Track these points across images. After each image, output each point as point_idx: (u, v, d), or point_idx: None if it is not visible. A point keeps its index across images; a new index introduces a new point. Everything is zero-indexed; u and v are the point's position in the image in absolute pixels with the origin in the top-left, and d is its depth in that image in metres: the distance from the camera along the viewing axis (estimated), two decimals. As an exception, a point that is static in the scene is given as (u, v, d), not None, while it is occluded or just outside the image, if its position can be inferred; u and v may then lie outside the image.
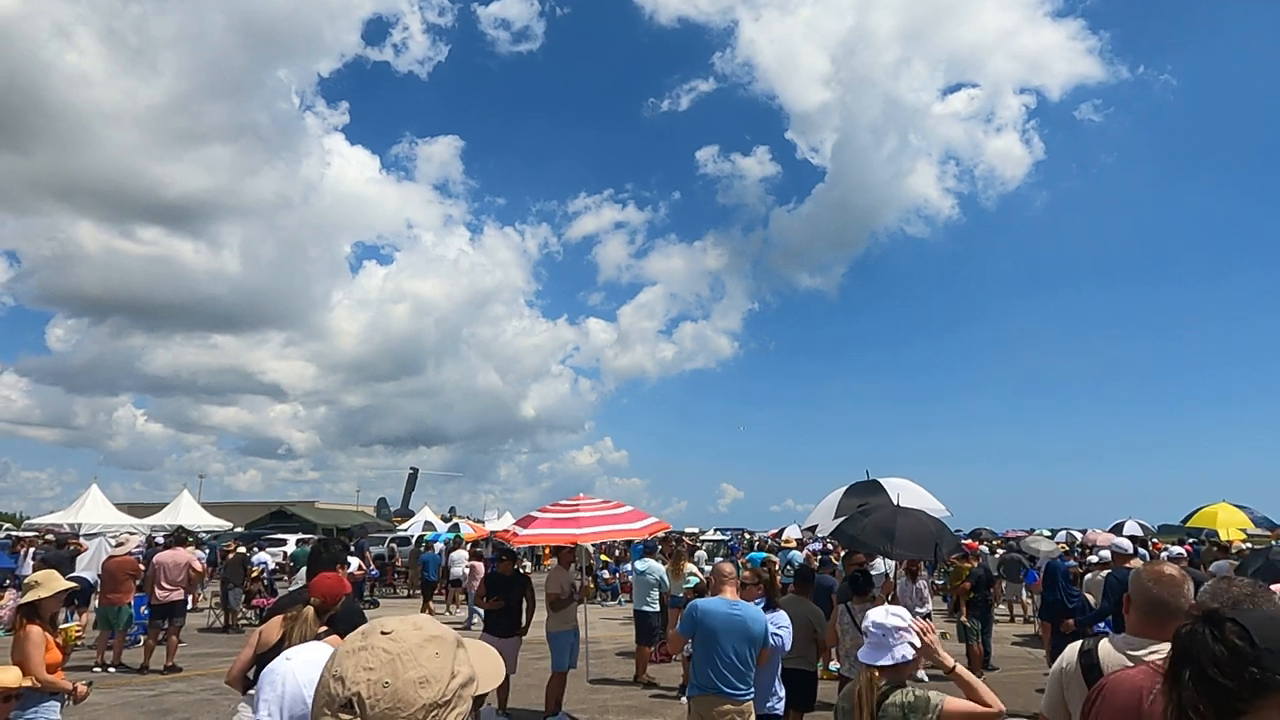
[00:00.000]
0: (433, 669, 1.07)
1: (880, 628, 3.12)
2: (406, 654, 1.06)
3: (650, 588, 11.38)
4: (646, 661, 11.10)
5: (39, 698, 4.94)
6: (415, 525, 29.20)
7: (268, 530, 32.60)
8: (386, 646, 1.06)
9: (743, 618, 5.18)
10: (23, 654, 4.88)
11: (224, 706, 9.23)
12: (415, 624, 1.13)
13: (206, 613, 16.97)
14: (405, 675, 1.04)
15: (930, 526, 8.04)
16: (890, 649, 3.07)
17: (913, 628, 3.12)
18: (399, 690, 1.03)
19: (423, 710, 1.03)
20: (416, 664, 1.06)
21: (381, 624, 1.11)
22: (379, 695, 1.02)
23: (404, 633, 1.09)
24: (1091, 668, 2.48)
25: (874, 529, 8.38)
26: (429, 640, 1.10)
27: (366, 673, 1.03)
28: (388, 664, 1.04)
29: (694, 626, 5.18)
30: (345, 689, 1.02)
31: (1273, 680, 1.34)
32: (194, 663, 12.01)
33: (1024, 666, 12.28)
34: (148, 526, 25.59)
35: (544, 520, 9.23)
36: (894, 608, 3.23)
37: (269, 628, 4.36)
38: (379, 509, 59.41)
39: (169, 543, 13.23)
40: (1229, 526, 14.53)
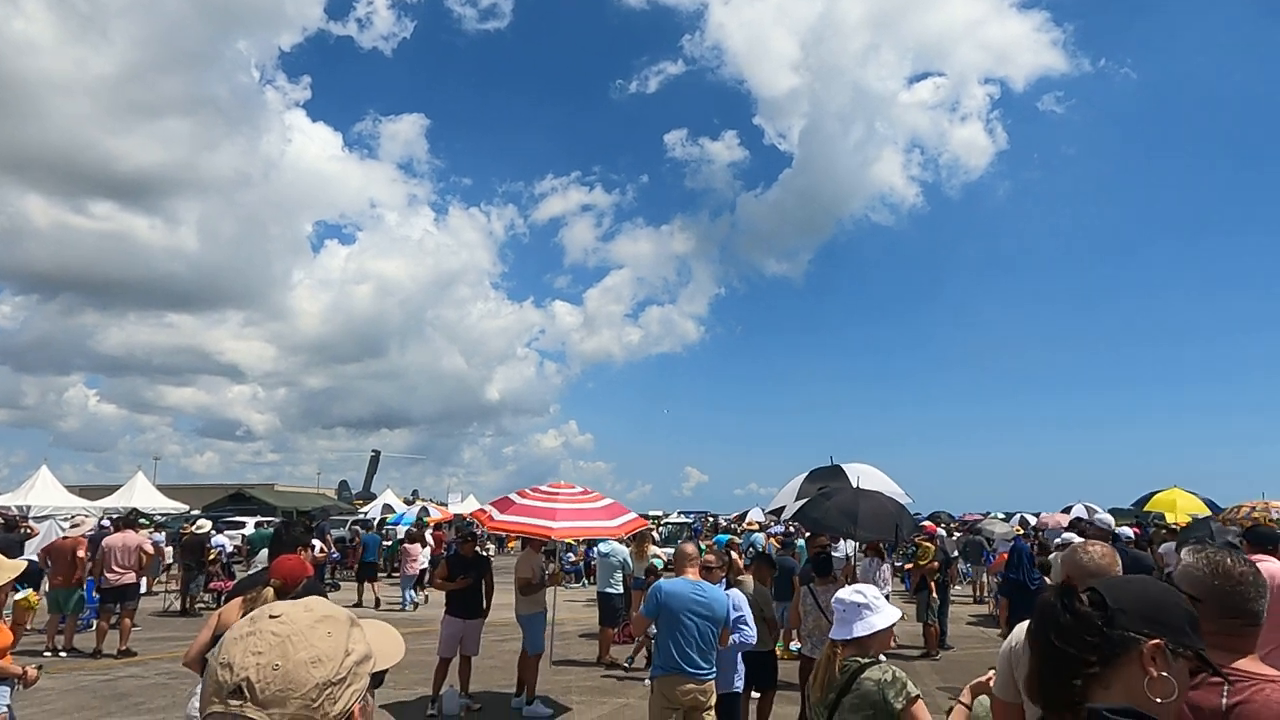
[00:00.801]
0: (325, 648, 1.06)
1: (841, 603, 3.21)
2: (296, 635, 1.05)
3: (614, 569, 11.43)
4: (610, 643, 11.16)
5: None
6: (375, 508, 28.94)
7: (226, 513, 32.04)
8: (275, 630, 1.05)
9: (706, 599, 5.24)
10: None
11: (180, 690, 9.07)
12: (306, 606, 1.12)
13: (163, 596, 16.67)
14: (296, 656, 1.03)
15: (890, 508, 8.19)
16: (850, 625, 3.15)
17: (876, 604, 3.18)
18: (290, 671, 1.01)
19: (315, 690, 1.02)
20: (308, 644, 1.04)
21: (270, 608, 1.10)
22: (269, 678, 1.00)
23: (293, 615, 1.08)
24: None
25: (836, 511, 8.53)
26: (320, 620, 1.09)
27: (255, 657, 1.01)
28: (277, 646, 1.03)
29: (657, 607, 5.22)
30: (234, 675, 1.00)
31: (1123, 637, 1.39)
32: (149, 646, 11.79)
33: (978, 645, 12.58)
34: (100, 509, 25.02)
35: (521, 507, 9.01)
36: (860, 586, 3.30)
37: (228, 610, 4.31)
38: (340, 492, 58.83)
39: (119, 525, 12.93)
40: (1180, 511, 14.99)
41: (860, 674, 3.04)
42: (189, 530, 16.46)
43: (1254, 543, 5.50)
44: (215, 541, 17.39)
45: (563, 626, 13.61)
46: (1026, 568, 8.23)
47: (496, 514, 9.02)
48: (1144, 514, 19.53)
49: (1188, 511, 14.83)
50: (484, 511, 9.40)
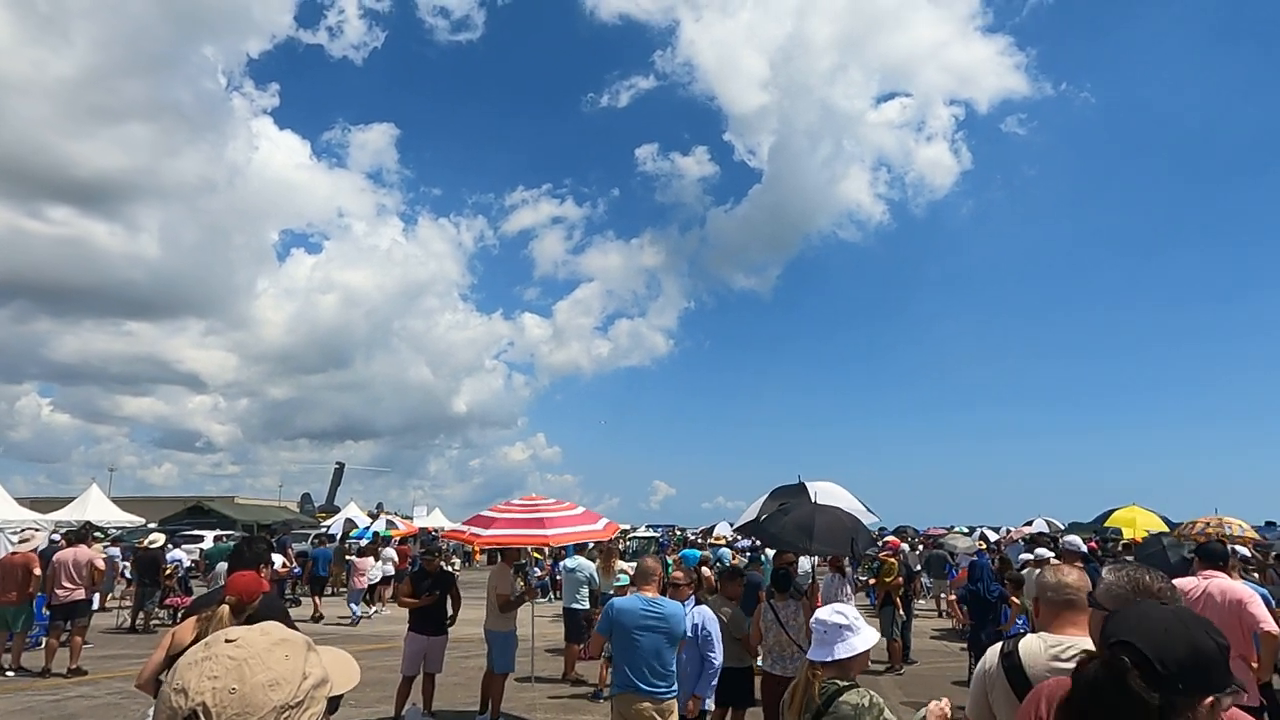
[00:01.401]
0: (282, 671, 1.06)
1: (822, 624, 3.17)
2: (254, 659, 1.04)
3: (580, 585, 11.36)
4: (575, 659, 11.09)
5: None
6: (338, 522, 28.47)
7: (184, 526, 31.33)
8: (231, 654, 1.05)
9: (661, 615, 5.15)
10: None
11: (132, 711, 8.84)
12: (263, 630, 1.12)
13: (116, 613, 16.23)
14: (253, 679, 1.02)
15: (846, 523, 8.24)
16: (830, 646, 3.12)
17: (856, 625, 3.17)
18: (247, 695, 1.01)
19: (273, 713, 1.02)
20: (265, 667, 1.04)
21: (226, 633, 1.10)
22: (226, 702, 1.00)
23: (250, 639, 1.08)
24: (1014, 669, 2.51)
25: (793, 526, 8.53)
26: (277, 644, 1.09)
27: (211, 681, 1.01)
28: (234, 670, 1.02)
29: (610, 625, 5.17)
30: (189, 700, 1.00)
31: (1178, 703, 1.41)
32: (100, 664, 11.47)
33: (942, 659, 12.69)
34: (52, 522, 24.32)
35: (507, 520, 8.96)
36: (840, 606, 3.27)
37: (182, 629, 4.22)
38: (303, 504, 57.78)
39: (71, 539, 12.56)
40: (1139, 527, 15.29)
41: (838, 697, 3.02)
42: (143, 545, 16.04)
43: (1205, 559, 5.63)
44: (172, 557, 17.00)
45: (526, 642, 13.47)
46: (986, 581, 8.36)
47: (483, 531, 8.93)
48: (1103, 529, 19.91)
49: (1146, 527, 15.14)
50: (463, 531, 9.30)
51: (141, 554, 15.42)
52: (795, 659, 6.43)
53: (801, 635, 6.49)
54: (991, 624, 8.16)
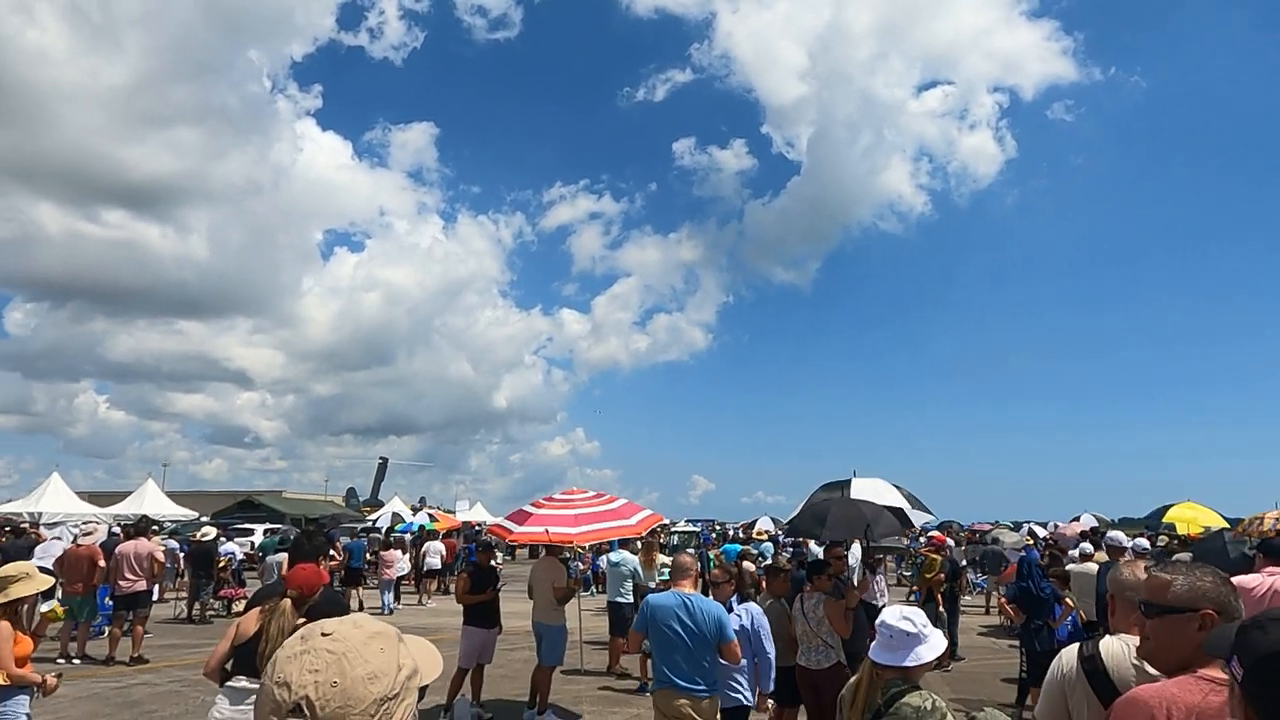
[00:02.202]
0: (379, 664, 1.07)
1: (890, 629, 3.10)
2: (351, 652, 1.06)
3: (624, 578, 11.42)
4: (620, 652, 11.15)
5: (8, 692, 4.85)
6: (384, 516, 28.95)
7: (234, 520, 32.12)
8: (330, 647, 1.06)
9: (695, 611, 5.07)
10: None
11: (192, 698, 9.12)
12: (355, 622, 1.13)
13: (173, 604, 16.71)
14: (353, 673, 1.04)
15: (865, 511, 8.19)
16: (897, 653, 3.06)
17: (925, 634, 3.10)
18: (348, 688, 1.02)
19: (374, 705, 1.04)
20: (363, 660, 1.06)
21: (320, 626, 1.11)
22: (328, 695, 1.01)
23: (345, 632, 1.09)
24: (1097, 673, 2.44)
25: (809, 516, 8.69)
26: (372, 637, 1.11)
27: (313, 674, 1.02)
28: (334, 664, 1.04)
29: (645, 622, 5.15)
30: (292, 693, 1.01)
31: None
32: (160, 653, 11.84)
33: (990, 656, 12.52)
34: (111, 516, 25.15)
35: (539, 518, 8.98)
36: (908, 611, 3.18)
37: (247, 620, 4.33)
38: (348, 499, 58.85)
39: (131, 532, 12.98)
40: (1193, 523, 14.92)
41: (900, 698, 2.98)
42: (196, 538, 16.50)
43: (1269, 554, 5.45)
44: (225, 549, 17.43)
45: (572, 635, 13.59)
46: (1036, 578, 8.22)
47: (515, 527, 8.99)
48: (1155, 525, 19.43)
49: (1203, 524, 14.74)
50: (502, 527, 9.35)
51: (196, 547, 15.84)
52: (819, 651, 6.40)
53: (822, 628, 6.44)
54: (1043, 622, 8.02)
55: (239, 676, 4.20)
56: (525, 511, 9.38)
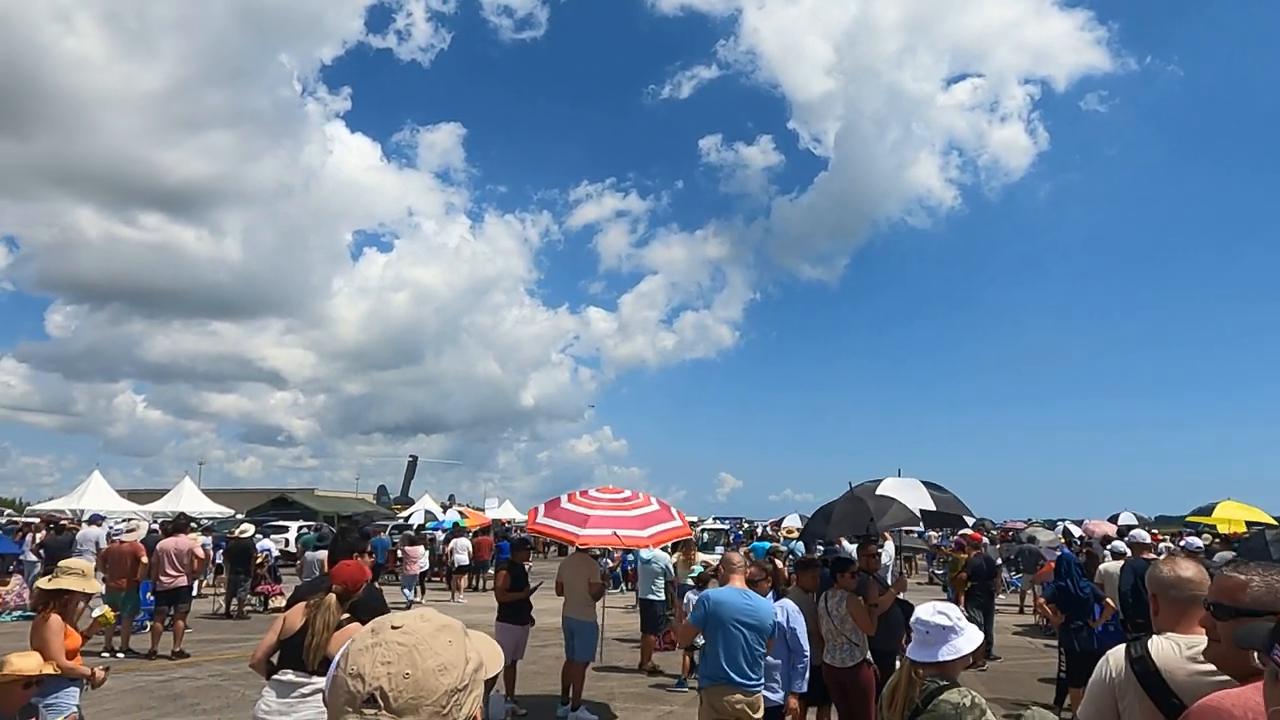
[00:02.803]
0: (449, 656, 1.08)
1: (925, 624, 3.10)
2: (422, 644, 1.07)
3: (655, 576, 11.44)
4: (652, 649, 11.17)
5: (59, 683, 4.96)
6: (417, 513, 29.26)
7: (269, 517, 32.63)
8: (400, 640, 1.07)
9: (755, 608, 5.21)
10: (42, 640, 4.90)
11: (233, 692, 9.29)
12: (422, 616, 1.15)
13: (211, 599, 17.02)
14: (424, 665, 1.05)
15: (869, 504, 8.15)
16: (934, 648, 3.05)
17: (960, 627, 3.10)
18: (420, 680, 1.03)
19: (445, 696, 1.05)
20: (433, 652, 1.07)
21: (390, 619, 1.13)
22: (401, 687, 1.02)
23: (414, 625, 1.11)
24: (1149, 674, 2.36)
25: (818, 517, 8.78)
26: (441, 629, 1.12)
27: (385, 667, 1.04)
28: (405, 656, 1.05)
29: (705, 616, 5.19)
30: (365, 685, 1.02)
31: None
32: (200, 648, 12.06)
33: (1026, 656, 12.37)
34: (150, 513, 25.68)
35: (560, 512, 9.04)
36: (943, 606, 3.18)
37: (292, 614, 4.39)
38: (379, 496, 59.40)
39: (171, 529, 13.24)
40: (1235, 522, 14.64)
41: (938, 695, 2.97)
42: (234, 535, 16.78)
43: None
44: (262, 546, 17.70)
45: (603, 632, 13.65)
46: (1075, 577, 8.09)
47: (540, 515, 9.12)
48: (1194, 523, 19.07)
49: (1245, 521, 14.44)
50: (565, 530, 9.35)
51: (234, 544, 16.11)
52: (844, 649, 6.38)
53: (846, 626, 6.42)
54: (1083, 622, 7.89)
55: (285, 670, 4.26)
56: (557, 501, 9.41)
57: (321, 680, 4.24)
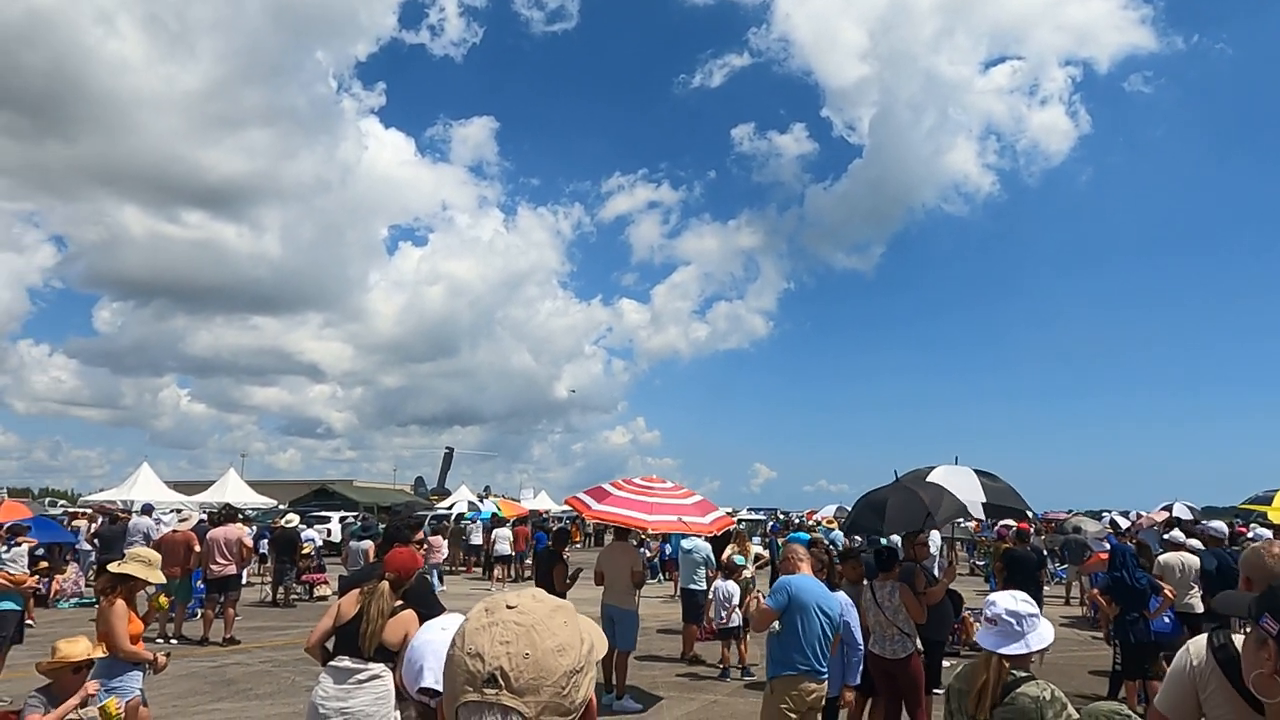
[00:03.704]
0: (566, 637, 1.06)
1: (1012, 614, 2.99)
2: (539, 625, 1.05)
3: (697, 566, 11.41)
4: (695, 639, 11.17)
5: (123, 668, 5.10)
6: (459, 504, 29.60)
7: (311, 508, 33.20)
8: (517, 619, 1.05)
9: (830, 597, 5.25)
10: (108, 626, 5.03)
11: (283, 678, 9.47)
12: (534, 596, 1.13)
13: (258, 588, 17.37)
14: (543, 645, 1.03)
15: (924, 496, 7.93)
16: (1023, 637, 2.96)
17: (1037, 615, 3.01)
18: (539, 660, 1.02)
19: (564, 678, 1.03)
20: (550, 633, 1.05)
21: (504, 598, 1.11)
22: (522, 667, 1.01)
23: (529, 605, 1.09)
24: (1231, 661, 2.31)
25: (868, 510, 8.33)
26: (556, 609, 1.10)
27: (504, 646, 1.02)
28: (523, 636, 1.03)
29: (787, 602, 5.14)
30: (485, 664, 1.01)
31: None
32: (250, 635, 12.31)
33: (1074, 648, 12.14)
34: (196, 503, 26.26)
35: (618, 499, 9.10)
36: (1021, 594, 3.09)
37: (347, 601, 4.45)
38: (416, 488, 60.11)
39: (219, 519, 13.52)
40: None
41: (1015, 688, 2.88)
42: (279, 525, 17.10)
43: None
44: (306, 536, 18.03)
45: (643, 622, 13.67)
46: (1131, 568, 7.90)
47: (594, 504, 9.13)
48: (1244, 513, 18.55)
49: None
50: (579, 500, 9.46)
51: (279, 533, 16.43)
52: (895, 640, 6.32)
53: (899, 617, 6.34)
54: (1138, 614, 7.70)
55: (341, 656, 4.32)
56: (605, 490, 9.43)
57: (377, 666, 4.30)
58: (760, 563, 12.27)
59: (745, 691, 9.24)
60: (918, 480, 8.26)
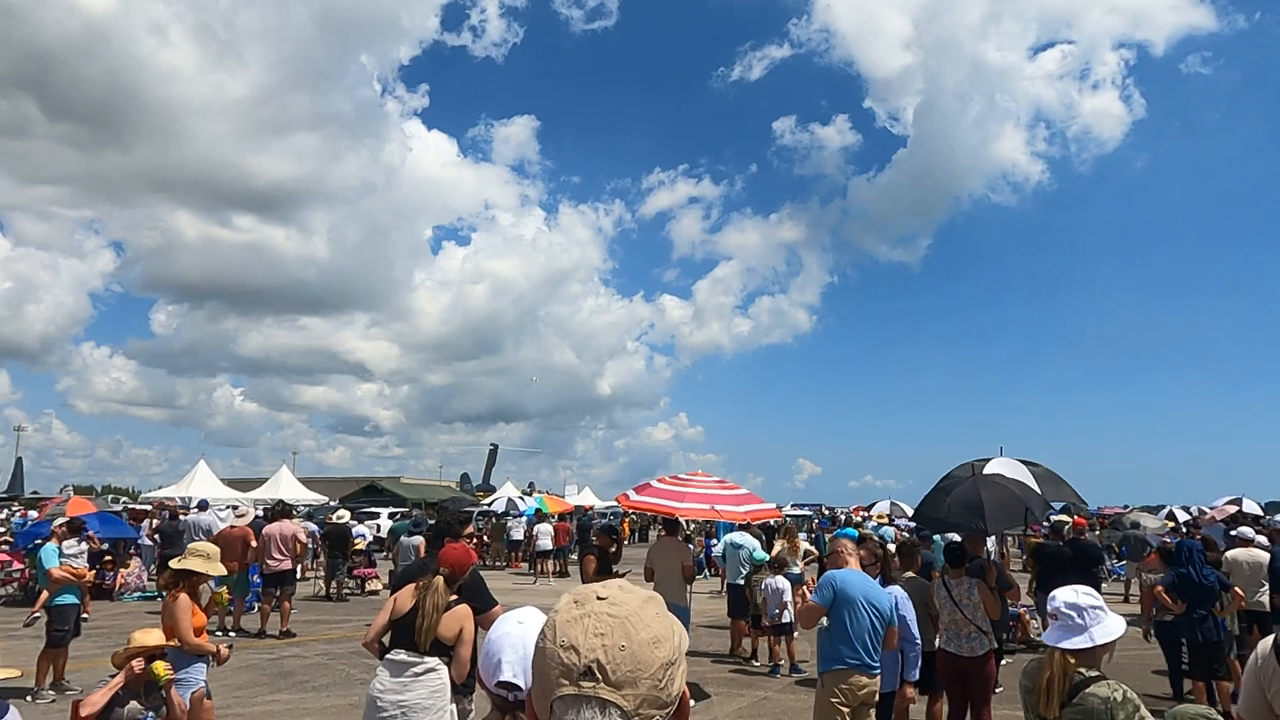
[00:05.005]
0: (659, 628, 1.03)
1: (1074, 607, 2.91)
2: (633, 616, 1.02)
3: (743, 561, 11.35)
4: (743, 634, 11.12)
5: (187, 659, 5.24)
6: (501, 501, 29.91)
7: (361, 504, 33.85)
8: (610, 611, 1.02)
9: (878, 591, 5.18)
10: (172, 618, 5.18)
11: (339, 670, 9.66)
12: (622, 587, 1.09)
13: (312, 582, 17.75)
14: (638, 637, 1.00)
15: (1015, 491, 7.65)
16: (1087, 630, 2.87)
17: (1105, 608, 2.93)
18: (636, 652, 0.99)
19: (660, 670, 0.99)
20: (644, 624, 1.01)
21: (594, 589, 1.07)
22: (619, 659, 0.98)
23: (620, 597, 1.05)
24: None
25: (959, 507, 7.82)
26: (647, 601, 1.06)
27: (599, 638, 0.99)
28: (617, 627, 1.00)
29: (832, 597, 5.09)
30: (581, 657, 0.98)
31: None
32: (305, 628, 12.57)
33: (1135, 647, 11.76)
34: (250, 500, 26.96)
35: (655, 490, 9.39)
36: (1083, 587, 3.01)
37: (402, 595, 4.50)
38: (462, 484, 60.91)
39: (274, 515, 13.83)
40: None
41: (1084, 688, 2.79)
42: (331, 521, 17.47)
43: None
44: (357, 532, 18.38)
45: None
46: (1198, 565, 7.63)
47: (633, 495, 9.46)
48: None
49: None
50: (624, 495, 9.84)
51: (331, 529, 16.78)
52: (972, 638, 6.19)
53: (978, 614, 6.22)
54: (1206, 612, 7.44)
55: (398, 650, 4.38)
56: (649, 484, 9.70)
57: (433, 660, 4.35)
58: (810, 559, 12.17)
59: (796, 688, 9.16)
60: (978, 472, 7.98)
